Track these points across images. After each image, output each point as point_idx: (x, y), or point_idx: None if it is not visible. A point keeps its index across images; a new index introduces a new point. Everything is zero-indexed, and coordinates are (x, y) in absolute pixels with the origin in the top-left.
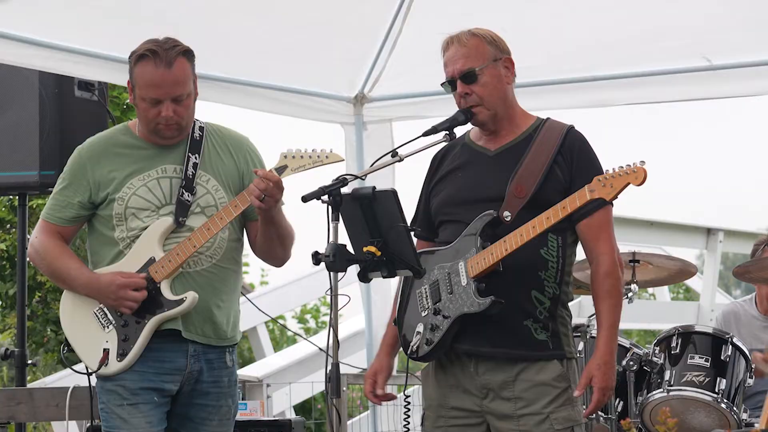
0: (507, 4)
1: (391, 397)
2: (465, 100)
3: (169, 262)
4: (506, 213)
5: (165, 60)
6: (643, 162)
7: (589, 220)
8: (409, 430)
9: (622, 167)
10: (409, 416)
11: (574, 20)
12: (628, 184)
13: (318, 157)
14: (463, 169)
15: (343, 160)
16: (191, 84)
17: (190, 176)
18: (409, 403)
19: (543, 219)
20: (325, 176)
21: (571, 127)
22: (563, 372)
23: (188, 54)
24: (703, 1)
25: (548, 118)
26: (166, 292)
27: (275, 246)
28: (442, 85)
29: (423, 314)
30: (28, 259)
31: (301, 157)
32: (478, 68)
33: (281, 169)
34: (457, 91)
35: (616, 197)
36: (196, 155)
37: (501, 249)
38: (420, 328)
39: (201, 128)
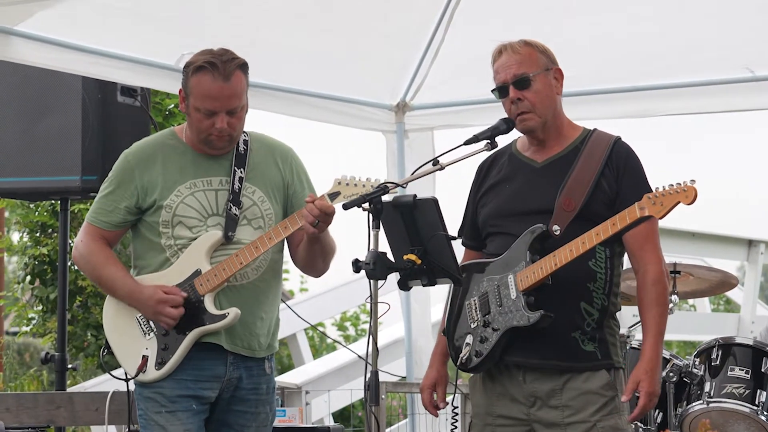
0: (549, 14)
1: (446, 406)
2: (516, 106)
3: (215, 277)
4: (555, 227)
5: (223, 73)
6: (693, 181)
7: (635, 230)
8: None
9: (672, 185)
10: (456, 426)
11: (615, 31)
12: (678, 202)
13: (372, 186)
14: (510, 181)
15: (392, 181)
16: (245, 97)
17: (237, 190)
18: (457, 414)
19: (593, 235)
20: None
21: (618, 139)
22: (610, 381)
23: (244, 67)
24: (745, 13)
25: (595, 129)
26: (210, 306)
27: (317, 261)
28: (492, 91)
29: (472, 326)
30: (69, 263)
31: (355, 185)
32: (532, 74)
33: (334, 195)
34: (508, 96)
35: (665, 215)
36: (242, 169)
37: (550, 263)
38: (469, 339)
39: (245, 141)
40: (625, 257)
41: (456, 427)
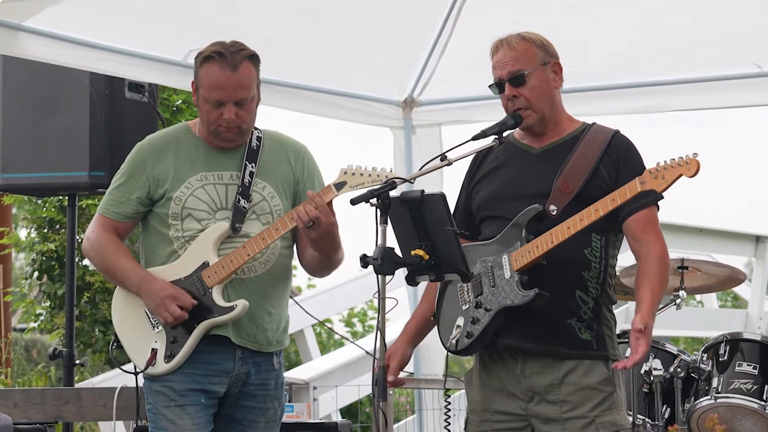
0: (556, 10)
1: (400, 383)
2: (512, 103)
3: (222, 268)
4: (552, 207)
5: (231, 63)
6: (695, 154)
7: (636, 215)
8: None
9: (674, 159)
10: (449, 421)
11: (623, 26)
12: (681, 175)
13: (378, 176)
14: (507, 167)
15: (399, 176)
16: (255, 88)
17: (247, 184)
18: (449, 404)
19: (591, 211)
20: None
21: (617, 131)
22: (609, 376)
23: (254, 59)
24: (753, 9)
25: (594, 123)
26: (218, 297)
27: (323, 268)
28: (490, 87)
29: (464, 308)
30: (77, 259)
31: (361, 174)
32: (527, 71)
33: (340, 185)
34: (504, 93)
35: (667, 189)
36: (253, 164)
37: (547, 241)
38: (460, 321)
39: (258, 138)
40: (620, 250)
41: (449, 421)
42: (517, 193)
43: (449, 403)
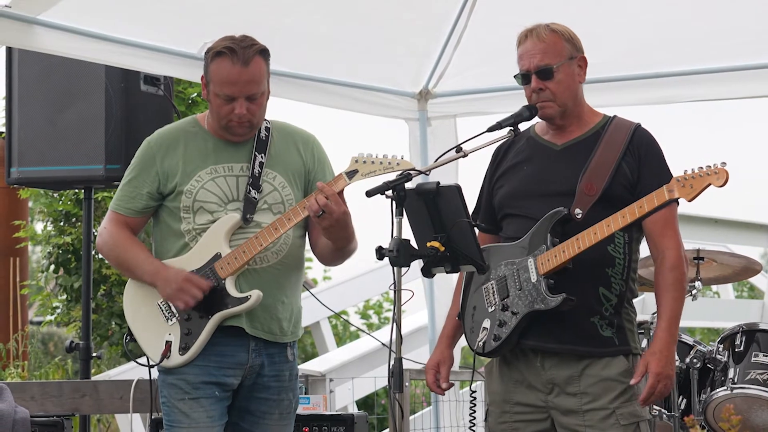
0: (572, 0)
1: (450, 386)
2: (537, 96)
3: (235, 260)
4: (577, 210)
5: (242, 58)
6: (724, 163)
7: (655, 215)
8: (474, 425)
9: (702, 168)
10: (475, 411)
11: (640, 17)
12: (709, 185)
13: (389, 163)
14: (528, 163)
15: (415, 168)
16: (265, 83)
17: (257, 174)
18: (474, 399)
19: (618, 218)
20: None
21: (639, 125)
22: (629, 368)
23: (264, 53)
24: None
25: (615, 116)
26: (231, 289)
27: (335, 257)
28: (515, 77)
29: (490, 310)
30: (94, 251)
31: (372, 162)
32: (555, 65)
33: (351, 174)
34: (530, 85)
35: (695, 198)
36: (263, 155)
37: (574, 247)
38: (487, 323)
39: (267, 128)
40: (643, 243)
41: (474, 412)
42: (539, 191)
43: (474, 398)
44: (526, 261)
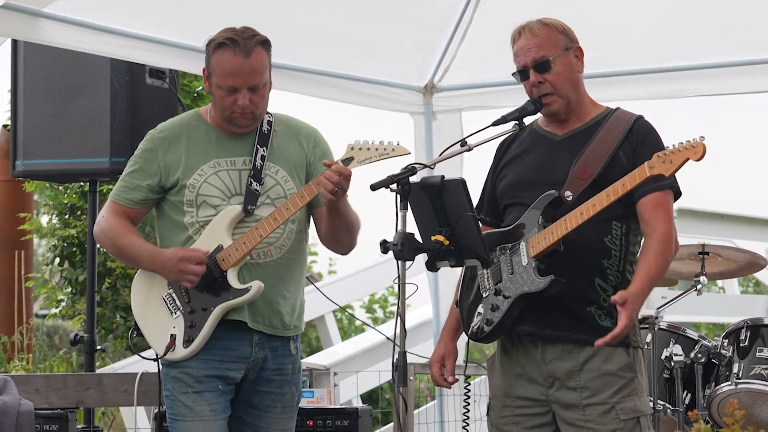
0: None
1: (456, 380)
2: (538, 89)
3: (236, 251)
4: (568, 193)
5: (244, 49)
6: (702, 137)
7: (647, 197)
8: (468, 418)
9: (681, 143)
10: (468, 404)
11: (644, 10)
12: (688, 159)
13: (384, 149)
14: (530, 153)
15: (410, 153)
16: (267, 74)
17: (258, 167)
18: (469, 392)
19: (603, 196)
20: (394, 165)
21: (641, 117)
22: (629, 362)
23: (266, 44)
24: None
25: (618, 108)
26: (233, 280)
27: (342, 234)
28: (513, 74)
29: (484, 295)
30: (98, 245)
31: (368, 149)
32: (552, 57)
33: (348, 161)
34: (529, 80)
35: (675, 173)
36: (264, 148)
37: (561, 227)
38: (481, 308)
39: (269, 122)
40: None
41: (468, 405)
42: (538, 180)
43: (469, 390)
44: (518, 245)
